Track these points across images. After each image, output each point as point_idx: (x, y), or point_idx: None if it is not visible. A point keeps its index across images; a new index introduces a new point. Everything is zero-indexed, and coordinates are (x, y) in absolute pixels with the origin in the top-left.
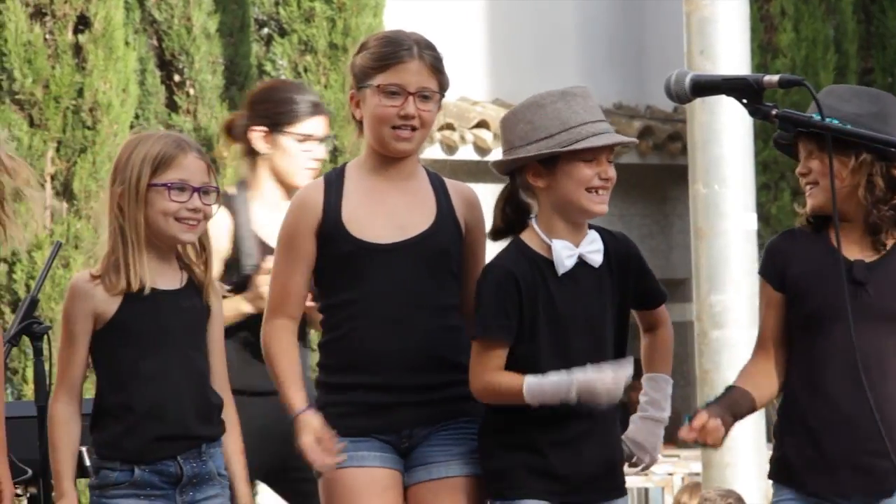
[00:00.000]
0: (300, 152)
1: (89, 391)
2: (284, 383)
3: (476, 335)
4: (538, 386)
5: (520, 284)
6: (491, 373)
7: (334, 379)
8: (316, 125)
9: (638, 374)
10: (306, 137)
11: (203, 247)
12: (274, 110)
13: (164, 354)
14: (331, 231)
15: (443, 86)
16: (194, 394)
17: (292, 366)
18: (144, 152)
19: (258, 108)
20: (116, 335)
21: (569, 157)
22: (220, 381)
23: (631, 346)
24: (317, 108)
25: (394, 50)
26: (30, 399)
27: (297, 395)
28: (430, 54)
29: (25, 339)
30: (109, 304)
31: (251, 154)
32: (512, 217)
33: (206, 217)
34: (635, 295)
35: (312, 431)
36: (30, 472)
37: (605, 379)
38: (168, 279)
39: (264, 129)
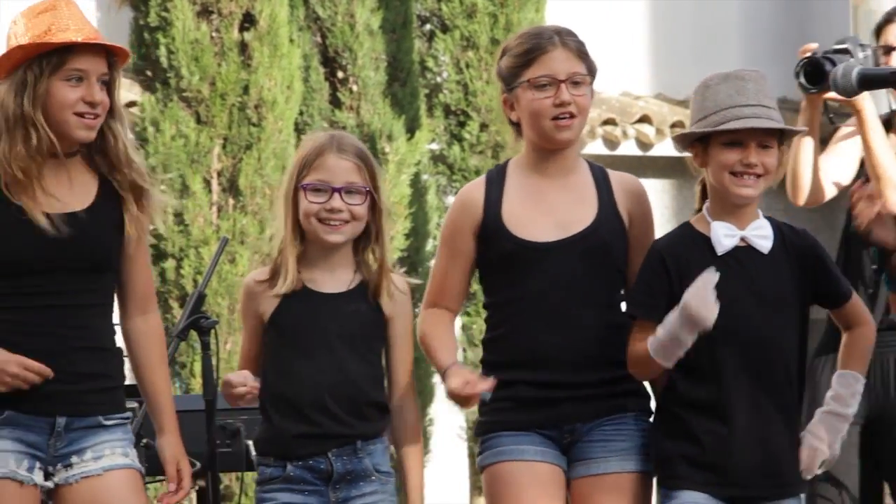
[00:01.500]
0: None
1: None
2: (436, 350)
3: (626, 311)
4: (653, 337)
5: (667, 263)
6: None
7: (497, 375)
8: None
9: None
10: None
11: (378, 247)
12: None
13: (317, 356)
14: (491, 230)
15: (591, 70)
16: (346, 395)
17: (444, 334)
18: (300, 153)
19: None
20: (275, 334)
21: (715, 139)
22: (400, 387)
23: None
24: None
25: (536, 42)
26: (198, 393)
27: (443, 356)
28: (573, 40)
29: (193, 334)
30: (270, 304)
31: None
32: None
33: (354, 217)
34: (816, 291)
35: (460, 376)
36: (198, 464)
37: (693, 293)
38: (335, 282)
39: None
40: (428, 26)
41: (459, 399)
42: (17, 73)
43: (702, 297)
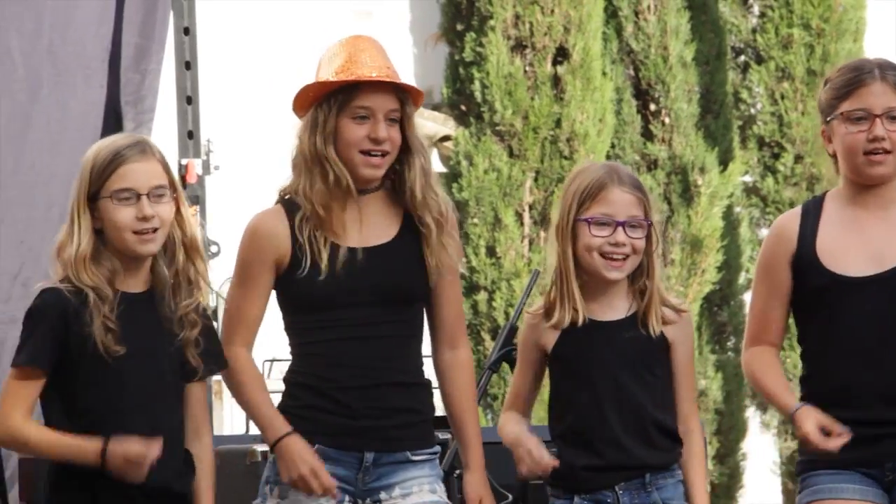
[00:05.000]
0: None
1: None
2: (775, 392)
3: None
4: None
5: None
6: None
7: None
8: None
9: None
10: None
11: (650, 280)
12: None
13: (598, 384)
14: (805, 263)
15: None
16: (630, 419)
17: (776, 373)
18: (577, 185)
19: None
20: (556, 366)
21: None
22: (683, 413)
23: None
24: None
25: (855, 75)
26: None
27: (786, 398)
28: (894, 74)
29: (505, 366)
30: (550, 336)
31: None
32: None
33: (635, 251)
34: None
35: (812, 419)
36: (510, 497)
37: None
38: (611, 310)
39: None
40: (742, 58)
41: (812, 444)
42: (311, 111)
43: None
